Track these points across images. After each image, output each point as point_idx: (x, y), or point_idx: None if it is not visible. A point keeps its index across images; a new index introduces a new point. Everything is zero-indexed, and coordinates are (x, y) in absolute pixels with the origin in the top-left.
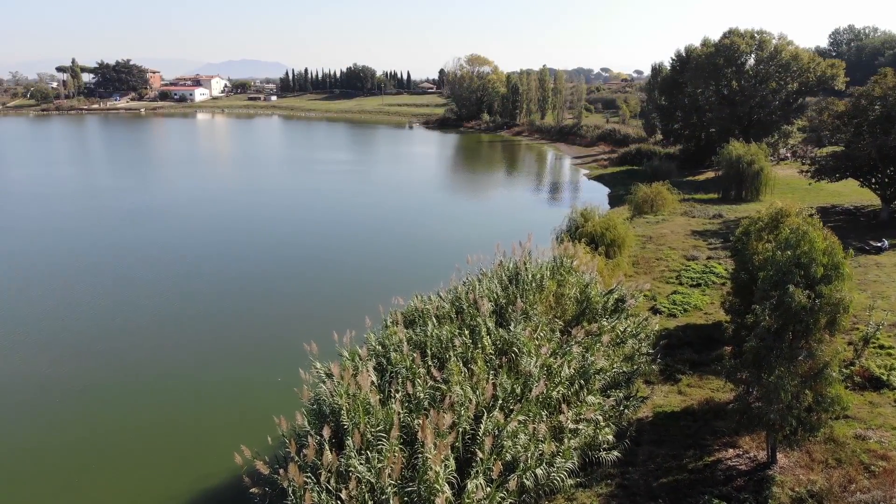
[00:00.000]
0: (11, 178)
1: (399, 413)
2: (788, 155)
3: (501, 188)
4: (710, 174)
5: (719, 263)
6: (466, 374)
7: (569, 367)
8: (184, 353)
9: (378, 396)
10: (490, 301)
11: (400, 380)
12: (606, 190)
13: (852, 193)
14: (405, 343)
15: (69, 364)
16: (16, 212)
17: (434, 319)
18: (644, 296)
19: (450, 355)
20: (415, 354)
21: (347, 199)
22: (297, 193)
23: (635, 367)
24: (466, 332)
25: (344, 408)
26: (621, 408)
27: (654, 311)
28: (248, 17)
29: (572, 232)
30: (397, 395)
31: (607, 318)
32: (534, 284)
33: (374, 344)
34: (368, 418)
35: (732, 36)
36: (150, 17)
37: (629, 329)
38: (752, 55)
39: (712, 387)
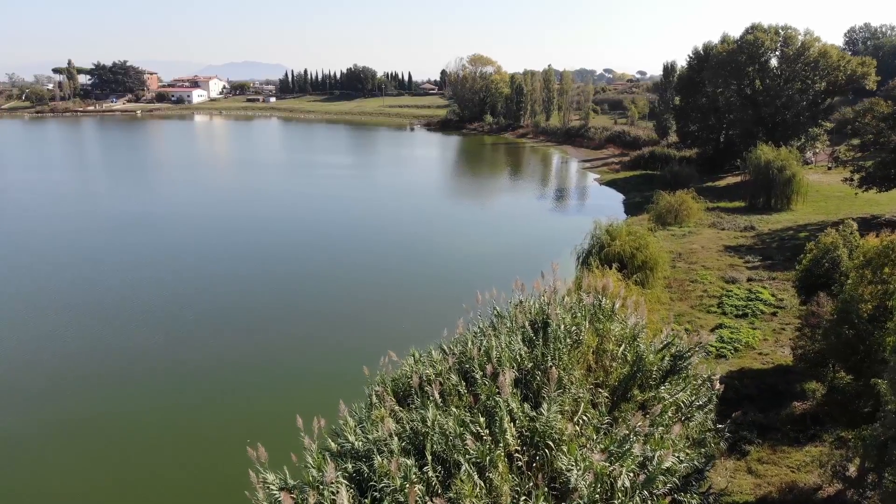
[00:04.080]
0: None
1: None
2: (813, 159)
3: (508, 194)
4: (732, 179)
5: (764, 287)
6: (483, 490)
7: (627, 474)
8: (130, 409)
9: None
10: (512, 365)
11: None
12: (620, 196)
13: (890, 202)
14: (395, 440)
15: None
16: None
17: (437, 396)
18: (685, 330)
19: (459, 459)
20: (408, 462)
21: (342, 211)
22: (289, 203)
23: (707, 453)
24: (481, 418)
25: None
26: None
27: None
28: (250, 20)
29: (596, 251)
30: None
31: (665, 385)
32: (568, 340)
33: (351, 439)
34: None
35: (755, 32)
36: (152, 20)
37: (696, 400)
38: (777, 52)
39: (790, 463)
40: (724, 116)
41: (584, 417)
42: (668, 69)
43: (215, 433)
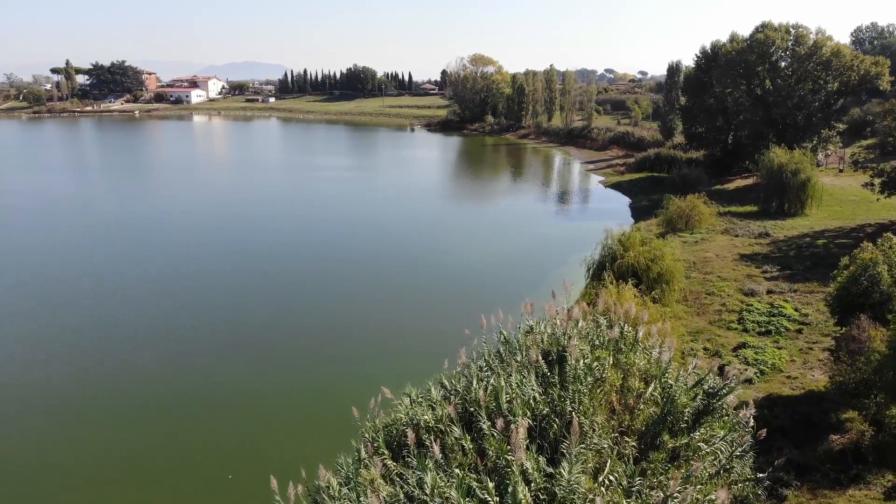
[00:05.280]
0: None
1: None
2: (825, 161)
3: (510, 197)
4: (741, 182)
5: (786, 301)
6: None
7: None
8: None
9: None
10: (525, 412)
11: None
12: (626, 200)
13: None
14: None
15: None
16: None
17: (437, 450)
18: (704, 349)
19: None
20: None
21: (339, 214)
22: (285, 204)
23: None
24: (489, 483)
25: None
26: None
27: (721, 371)
28: (251, 21)
29: (609, 263)
30: None
31: (699, 430)
32: (589, 378)
33: None
34: None
35: (766, 30)
36: (153, 21)
37: (735, 450)
38: (788, 51)
39: None
40: (732, 117)
41: (611, 478)
42: (673, 69)
43: (191, 468)
